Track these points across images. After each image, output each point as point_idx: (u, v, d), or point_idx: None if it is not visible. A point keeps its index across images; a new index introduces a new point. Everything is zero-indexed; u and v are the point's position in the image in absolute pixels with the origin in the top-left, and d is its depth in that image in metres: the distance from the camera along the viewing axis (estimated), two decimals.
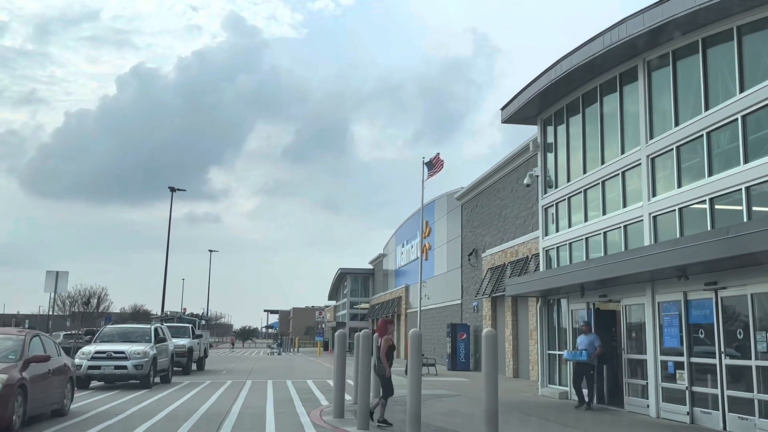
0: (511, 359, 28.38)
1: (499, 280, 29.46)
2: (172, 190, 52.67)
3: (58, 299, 44.61)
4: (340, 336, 13.70)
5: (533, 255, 26.17)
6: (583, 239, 17.30)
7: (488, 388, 9.18)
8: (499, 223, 31.66)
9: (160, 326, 22.20)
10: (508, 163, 30.14)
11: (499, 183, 31.69)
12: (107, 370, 19.26)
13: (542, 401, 17.57)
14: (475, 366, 33.87)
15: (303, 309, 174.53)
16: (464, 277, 36.99)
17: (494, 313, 31.17)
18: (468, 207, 36.83)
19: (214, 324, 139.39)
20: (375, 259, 69.43)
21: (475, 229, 35.27)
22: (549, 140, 19.97)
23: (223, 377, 25.83)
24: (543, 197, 19.80)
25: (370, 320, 67.47)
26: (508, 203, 30.51)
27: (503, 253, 29.80)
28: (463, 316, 36.89)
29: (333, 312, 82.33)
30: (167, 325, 25.75)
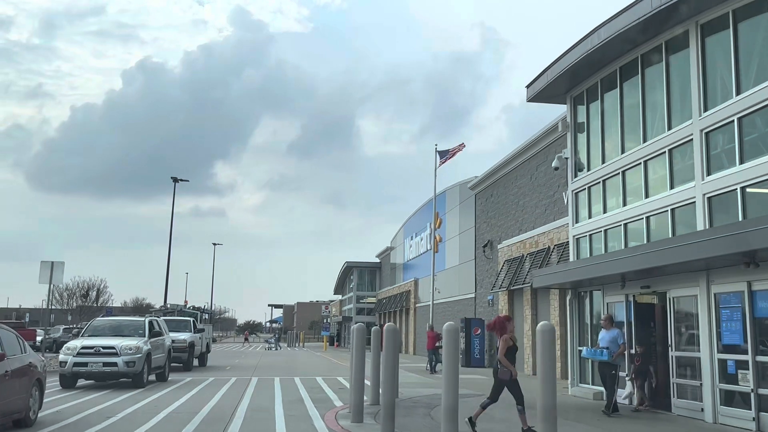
0: (531, 356, 26.89)
1: (517, 273, 27.98)
2: (175, 180, 51.42)
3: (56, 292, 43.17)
4: (359, 330, 12.25)
5: (556, 245, 24.69)
6: (620, 225, 15.78)
7: (545, 388, 8.15)
8: (516, 212, 30.15)
9: (155, 319, 20.42)
10: (528, 149, 28.61)
11: (517, 171, 30.16)
12: (95, 368, 17.37)
13: (574, 402, 16.10)
14: (489, 362, 32.41)
15: (307, 303, 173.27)
16: (478, 269, 35.51)
17: (511, 307, 29.68)
18: (482, 197, 35.31)
19: (218, 318, 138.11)
20: (382, 252, 67.98)
21: (490, 219, 33.77)
22: (580, 119, 18.44)
23: (226, 374, 24.42)
24: (573, 181, 18.28)
25: (378, 315, 66.07)
26: (526, 192, 28.98)
27: (521, 244, 28.30)
28: (476, 310, 35.42)
29: (339, 306, 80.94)
30: (167, 318, 24.31)
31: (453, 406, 9.23)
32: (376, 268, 70.54)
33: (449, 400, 9.17)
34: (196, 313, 27.18)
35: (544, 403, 8.26)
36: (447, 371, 9.28)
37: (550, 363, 8.40)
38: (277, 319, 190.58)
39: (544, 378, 8.39)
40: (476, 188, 36.04)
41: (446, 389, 9.23)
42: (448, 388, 9.18)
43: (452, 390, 9.17)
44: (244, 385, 18.99)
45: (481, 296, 34.68)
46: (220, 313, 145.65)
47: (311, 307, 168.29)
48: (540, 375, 8.32)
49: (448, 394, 9.21)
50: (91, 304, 47.80)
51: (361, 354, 12.23)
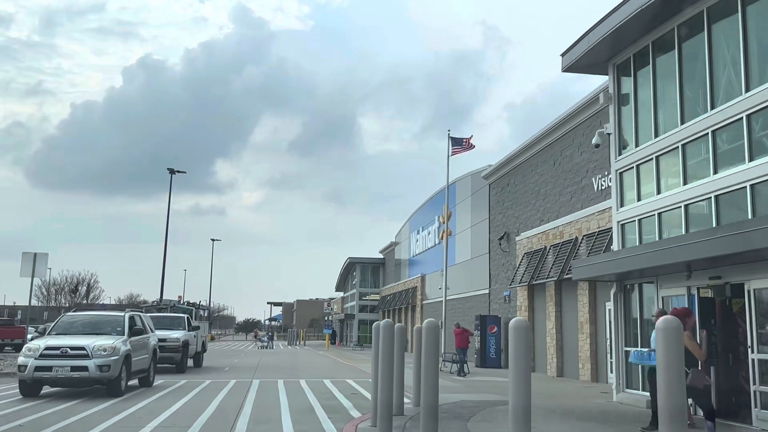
0: (555, 356, 24.79)
1: (539, 266, 25.86)
2: (171, 172, 49.37)
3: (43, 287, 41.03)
4: (387, 328, 10.09)
5: (585, 236, 22.58)
6: (679, 207, 13.64)
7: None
8: (537, 202, 28.01)
9: (138, 314, 17.62)
10: (550, 132, 26.48)
11: (538, 157, 28.02)
12: (61, 373, 14.39)
13: (622, 411, 13.99)
14: (506, 363, 30.27)
15: (307, 301, 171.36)
16: (492, 263, 33.39)
17: (531, 304, 27.57)
18: (497, 186, 33.18)
19: (216, 316, 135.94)
20: (386, 248, 65.86)
21: (506, 210, 31.64)
22: (624, 90, 16.30)
23: (225, 375, 22.29)
24: (617, 159, 16.13)
25: (381, 312, 63.96)
26: (549, 179, 26.84)
27: (544, 235, 26.17)
28: (491, 307, 33.31)
29: (341, 303, 78.83)
30: (159, 315, 22.18)
31: (525, 406, 6.93)
32: (380, 264, 68.44)
33: (520, 400, 6.95)
34: (190, 310, 24.92)
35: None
36: (516, 373, 7.13)
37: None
38: (277, 316, 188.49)
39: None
40: (490, 177, 33.91)
41: (515, 391, 6.93)
42: (519, 391, 6.89)
43: (522, 393, 6.98)
44: (244, 390, 16.85)
45: (496, 292, 32.57)
46: (218, 311, 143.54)
47: (311, 304, 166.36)
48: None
49: (518, 396, 6.90)
50: (80, 300, 45.49)
51: (389, 356, 10.07)
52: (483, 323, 30.60)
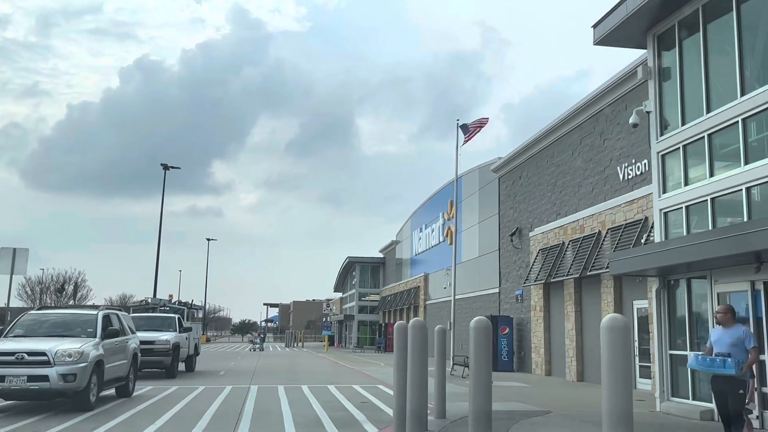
0: (574, 359, 23.09)
1: (556, 263, 24.16)
2: (165, 167, 47.82)
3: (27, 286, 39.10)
4: (418, 329, 8.39)
5: (609, 229, 20.88)
6: (741, 190, 11.94)
7: None
8: (553, 194, 26.30)
9: (114, 312, 14.76)
10: (569, 120, 24.78)
11: (554, 147, 26.32)
12: (16, 383, 11.84)
13: (674, 423, 12.29)
14: (519, 366, 28.60)
15: (304, 302, 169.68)
16: (503, 261, 31.67)
17: (547, 303, 25.85)
18: (508, 180, 31.47)
19: (212, 317, 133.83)
20: (386, 247, 64.11)
21: (518, 204, 29.93)
22: (666, 63, 14.61)
23: (219, 381, 20.52)
24: (659, 140, 14.43)
25: (381, 313, 62.21)
26: (567, 170, 25.14)
27: (561, 230, 24.47)
28: (501, 306, 31.60)
29: (339, 304, 77.05)
30: (147, 315, 20.39)
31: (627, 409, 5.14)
32: (380, 263, 66.69)
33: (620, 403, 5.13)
34: (182, 309, 22.96)
35: None
36: (610, 377, 5.34)
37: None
38: (273, 318, 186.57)
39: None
40: (500, 171, 32.20)
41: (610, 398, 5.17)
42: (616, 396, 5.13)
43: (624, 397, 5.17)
44: (241, 400, 15.10)
45: (507, 291, 30.86)
46: (214, 312, 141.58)
47: (308, 306, 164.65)
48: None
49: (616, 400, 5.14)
50: (67, 299, 43.46)
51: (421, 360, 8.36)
52: (494, 324, 28.86)
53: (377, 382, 20.88)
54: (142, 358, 17.21)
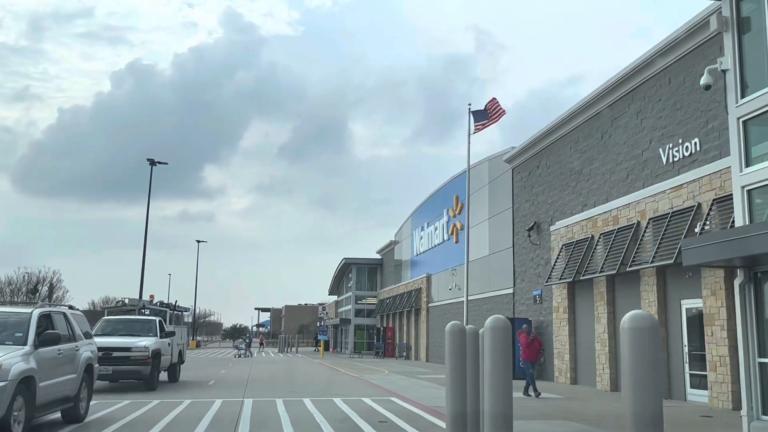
0: (607, 366, 20.60)
1: (585, 259, 21.68)
2: (152, 163, 45.34)
3: None
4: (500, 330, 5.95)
5: (651, 219, 18.41)
6: None
7: None
8: (578, 184, 23.84)
9: (59, 312, 11.29)
10: (598, 99, 22.34)
11: (579, 131, 23.87)
12: None
13: None
14: (538, 373, 26.02)
15: (296, 306, 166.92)
16: (517, 259, 29.16)
17: (572, 304, 23.37)
18: (523, 170, 28.99)
19: (202, 321, 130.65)
20: (384, 248, 61.52)
21: (536, 197, 27.45)
22: (745, 12, 12.14)
23: (208, 393, 17.89)
24: (739, 104, 11.95)
25: (379, 317, 59.60)
26: (595, 155, 22.69)
27: (589, 222, 22.00)
28: (516, 308, 29.08)
29: (334, 308, 74.38)
30: (124, 318, 17.67)
31: None
32: (377, 265, 64.08)
33: None
34: (164, 311, 20.12)
35: None
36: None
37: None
38: (265, 322, 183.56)
39: None
40: (514, 161, 29.72)
41: None
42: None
43: None
44: (234, 419, 12.48)
45: (523, 291, 28.36)
46: (204, 316, 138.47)
47: (300, 310, 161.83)
48: None
49: None
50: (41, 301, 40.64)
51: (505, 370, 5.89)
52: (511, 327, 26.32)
53: (389, 394, 18.31)
54: (117, 367, 14.65)
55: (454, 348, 9.15)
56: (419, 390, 19.72)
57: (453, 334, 8.55)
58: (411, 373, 29.18)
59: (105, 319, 18.48)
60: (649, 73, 19.47)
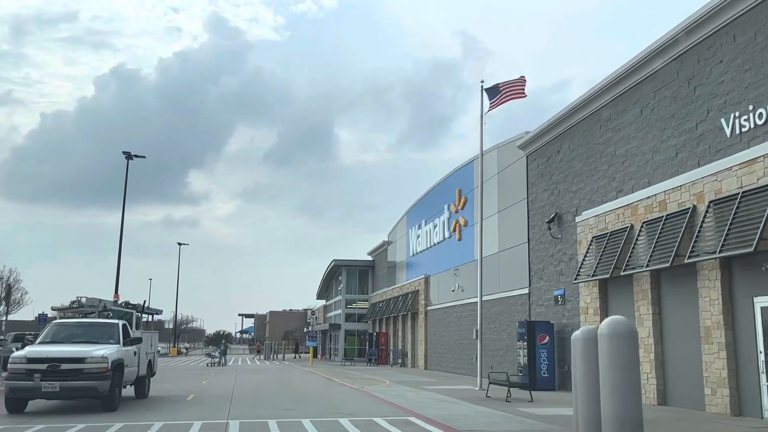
0: (653, 375, 17.69)
1: (624, 252, 18.78)
2: (128, 157, 42.30)
3: None
4: None
5: (713, 202, 15.53)
6: None
7: None
8: (611, 167, 20.96)
9: None
10: (636, 69, 19.49)
11: (611, 108, 21.01)
12: None
13: None
14: (561, 383, 23.09)
15: (280, 312, 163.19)
16: (534, 256, 26.22)
17: (604, 304, 20.47)
18: (540, 157, 26.08)
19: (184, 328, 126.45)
20: (376, 249, 58.40)
21: (556, 185, 24.54)
22: None
23: (184, 413, 14.70)
24: None
25: (371, 321, 56.46)
26: (632, 133, 19.82)
27: (627, 210, 19.11)
28: (532, 310, 26.13)
29: (323, 312, 71.09)
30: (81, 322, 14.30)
31: None
32: (369, 267, 60.95)
33: None
34: (130, 314, 16.58)
35: None
36: None
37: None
38: (249, 329, 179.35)
39: None
40: (529, 147, 26.80)
41: None
42: None
43: None
44: None
45: (541, 291, 25.41)
46: (186, 323, 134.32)
47: (285, 316, 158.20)
48: None
49: None
50: None
51: None
52: (530, 332, 23.39)
53: (404, 412, 15.24)
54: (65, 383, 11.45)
55: (587, 353, 9.14)
56: (438, 406, 16.67)
57: (585, 341, 7.75)
58: (415, 383, 26.12)
59: (56, 322, 15.08)
60: (705, 32, 16.62)
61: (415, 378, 30.18)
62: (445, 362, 36.65)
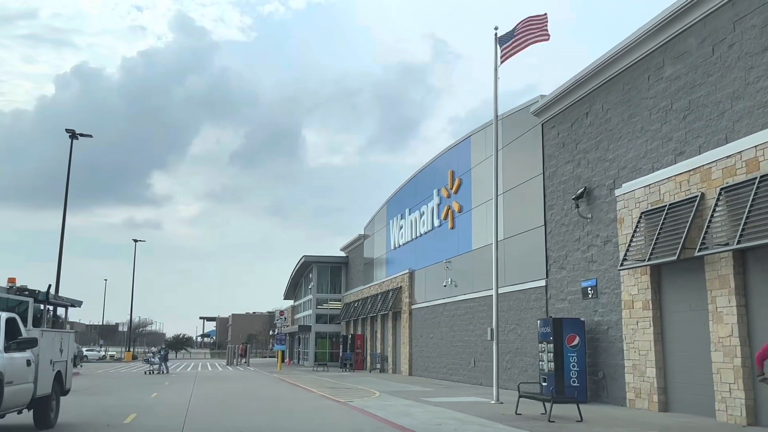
0: (737, 386, 13.58)
1: (691, 228, 14.67)
2: (72, 135, 37.48)
3: None
4: None
5: None
6: None
7: None
8: (665, 125, 16.85)
9: None
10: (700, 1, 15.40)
11: (665, 51, 16.91)
12: None
13: None
14: (594, 394, 18.88)
15: (243, 315, 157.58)
16: (553, 241, 22.03)
17: (657, 295, 16.36)
18: (561, 123, 21.93)
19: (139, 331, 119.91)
20: (351, 244, 53.85)
21: (584, 154, 20.39)
22: None
23: None
24: None
25: (344, 323, 51.89)
26: (701, 78, 15.72)
27: (696, 175, 15.05)
28: (550, 306, 21.94)
29: (291, 314, 66.19)
30: None
31: None
32: (342, 263, 56.37)
33: None
34: (25, 303, 11.58)
35: None
36: None
37: None
38: (210, 332, 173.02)
39: None
40: (546, 113, 22.65)
41: None
42: None
43: None
44: None
45: (563, 283, 21.23)
46: (143, 325, 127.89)
47: (248, 319, 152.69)
48: None
49: None
50: None
51: None
52: (556, 331, 19.14)
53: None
54: None
55: None
56: (466, 431, 12.28)
57: None
58: (410, 394, 21.72)
59: None
60: None
61: (406, 387, 25.77)
62: (435, 367, 32.32)
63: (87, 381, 30.69)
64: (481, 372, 27.06)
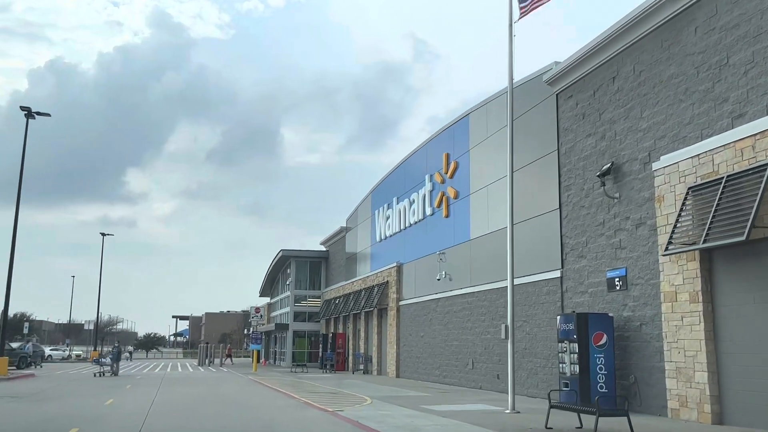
0: None
1: (750, 206, 12.08)
2: (29, 114, 34.19)
3: None
4: None
5: None
6: None
7: None
8: (717, 84, 14.25)
9: None
10: None
11: (699, 7, 14.30)
12: None
13: None
14: (624, 401, 16.19)
15: (217, 314, 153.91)
16: (571, 226, 19.37)
17: (707, 286, 13.76)
18: (580, 91, 19.27)
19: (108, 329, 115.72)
20: (331, 237, 50.91)
21: (610, 125, 17.74)
22: None
23: None
24: None
25: (324, 321, 48.97)
26: (764, 25, 13.11)
27: (762, 140, 12.44)
28: (566, 300, 19.28)
29: (267, 311, 63.08)
30: None
31: None
32: (322, 258, 53.42)
33: None
34: None
35: None
36: None
37: None
38: (183, 331, 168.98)
39: None
40: (562, 81, 20.00)
41: None
42: None
43: None
44: None
45: (583, 273, 18.58)
46: (112, 323, 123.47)
47: (222, 318, 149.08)
48: None
49: None
50: None
51: None
52: (581, 328, 16.45)
53: None
54: None
55: None
56: None
57: None
58: (406, 400, 18.94)
59: None
60: None
61: (398, 391, 22.99)
62: (426, 369, 29.58)
63: (39, 384, 27.47)
64: (480, 374, 24.35)
